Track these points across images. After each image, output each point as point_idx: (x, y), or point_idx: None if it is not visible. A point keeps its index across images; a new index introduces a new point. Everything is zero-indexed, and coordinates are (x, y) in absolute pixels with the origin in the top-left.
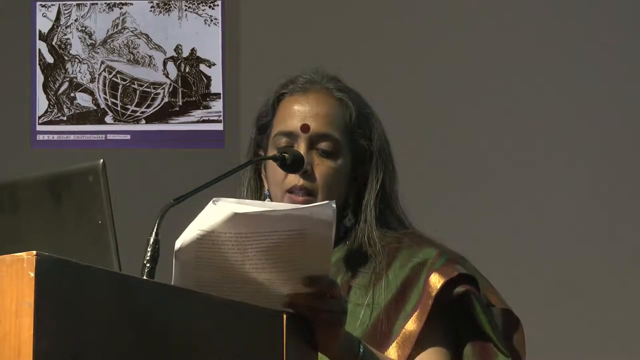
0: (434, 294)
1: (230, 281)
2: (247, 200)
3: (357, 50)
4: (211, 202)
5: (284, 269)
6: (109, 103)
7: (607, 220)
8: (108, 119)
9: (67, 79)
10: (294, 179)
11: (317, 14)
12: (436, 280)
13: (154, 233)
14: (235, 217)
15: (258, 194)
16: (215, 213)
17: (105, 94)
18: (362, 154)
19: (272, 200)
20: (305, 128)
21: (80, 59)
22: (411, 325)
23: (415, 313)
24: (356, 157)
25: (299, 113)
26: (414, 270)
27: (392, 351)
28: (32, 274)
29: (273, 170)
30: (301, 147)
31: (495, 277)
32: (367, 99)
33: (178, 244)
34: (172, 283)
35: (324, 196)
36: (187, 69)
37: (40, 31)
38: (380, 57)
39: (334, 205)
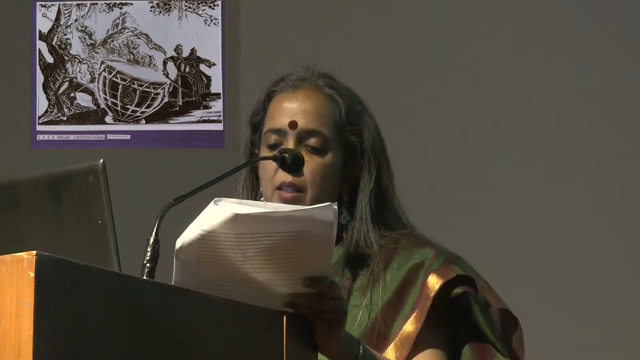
0: (432, 295)
1: (230, 281)
2: (248, 201)
3: (357, 49)
4: (212, 202)
5: (285, 269)
6: (109, 103)
7: (606, 219)
8: (108, 119)
9: (67, 79)
10: (283, 176)
11: (317, 14)
12: (434, 282)
13: (154, 233)
14: (237, 218)
15: (254, 192)
16: (216, 213)
17: (105, 94)
18: (353, 151)
19: (264, 196)
20: (293, 125)
21: (80, 59)
22: (409, 326)
23: (414, 314)
24: (348, 154)
25: (288, 110)
26: (412, 271)
27: (390, 352)
28: (32, 274)
29: (264, 168)
30: (289, 144)
31: (493, 277)
32: (367, 98)
33: (179, 243)
34: (172, 283)
35: (313, 192)
36: (187, 69)
37: (40, 31)
38: (381, 56)
39: (335, 207)
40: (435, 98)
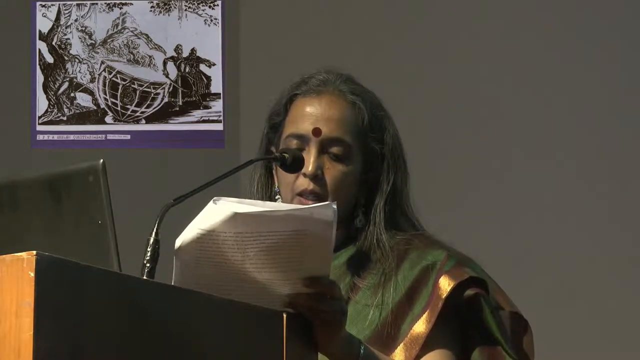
0: (443, 296)
1: (230, 281)
2: (248, 200)
3: (357, 50)
4: (212, 201)
5: (284, 269)
6: (109, 103)
7: (612, 221)
8: (108, 119)
9: (67, 79)
10: (304, 182)
11: (317, 14)
12: (446, 283)
13: (154, 233)
14: (236, 217)
15: (269, 191)
16: (215, 212)
17: (105, 94)
18: (374, 157)
19: (282, 199)
20: (317, 132)
21: (80, 59)
22: (419, 326)
23: (424, 315)
24: (368, 160)
25: (311, 116)
26: (423, 272)
27: (399, 352)
28: (32, 274)
29: (284, 172)
30: (312, 151)
31: (503, 280)
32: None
33: (178, 242)
34: (172, 283)
35: (333, 200)
36: (187, 69)
37: (40, 31)
38: (381, 57)
39: (335, 206)
40: (439, 98)
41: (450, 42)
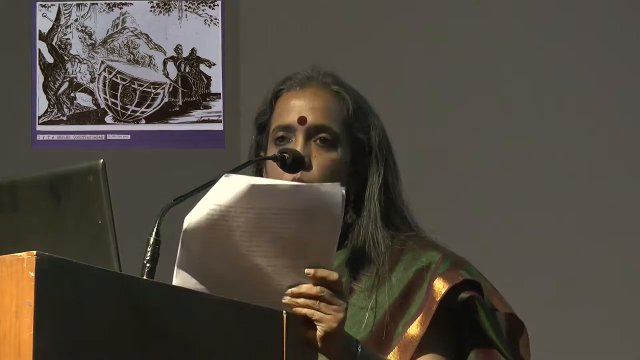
0: (438, 299)
1: (234, 271)
2: (256, 178)
3: (357, 50)
4: (224, 176)
5: (290, 255)
6: (109, 103)
7: (610, 222)
8: (108, 119)
9: (67, 79)
10: (292, 174)
11: (317, 14)
12: (440, 286)
13: (154, 233)
14: (252, 189)
15: None
16: (230, 185)
17: (105, 94)
18: (361, 148)
19: None
20: (302, 120)
21: (80, 59)
22: (414, 329)
23: (419, 317)
24: (355, 150)
25: (296, 107)
26: (418, 274)
27: (394, 355)
28: (32, 274)
29: (272, 168)
30: (299, 140)
31: (498, 280)
32: (367, 98)
33: (187, 221)
34: (175, 266)
35: None
36: (187, 69)
37: (40, 31)
38: (380, 56)
39: (343, 191)
40: (435, 99)
41: (452, 41)
